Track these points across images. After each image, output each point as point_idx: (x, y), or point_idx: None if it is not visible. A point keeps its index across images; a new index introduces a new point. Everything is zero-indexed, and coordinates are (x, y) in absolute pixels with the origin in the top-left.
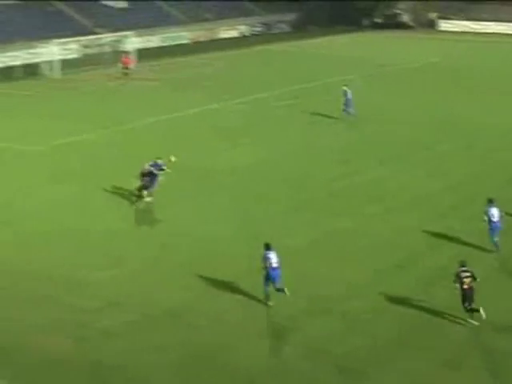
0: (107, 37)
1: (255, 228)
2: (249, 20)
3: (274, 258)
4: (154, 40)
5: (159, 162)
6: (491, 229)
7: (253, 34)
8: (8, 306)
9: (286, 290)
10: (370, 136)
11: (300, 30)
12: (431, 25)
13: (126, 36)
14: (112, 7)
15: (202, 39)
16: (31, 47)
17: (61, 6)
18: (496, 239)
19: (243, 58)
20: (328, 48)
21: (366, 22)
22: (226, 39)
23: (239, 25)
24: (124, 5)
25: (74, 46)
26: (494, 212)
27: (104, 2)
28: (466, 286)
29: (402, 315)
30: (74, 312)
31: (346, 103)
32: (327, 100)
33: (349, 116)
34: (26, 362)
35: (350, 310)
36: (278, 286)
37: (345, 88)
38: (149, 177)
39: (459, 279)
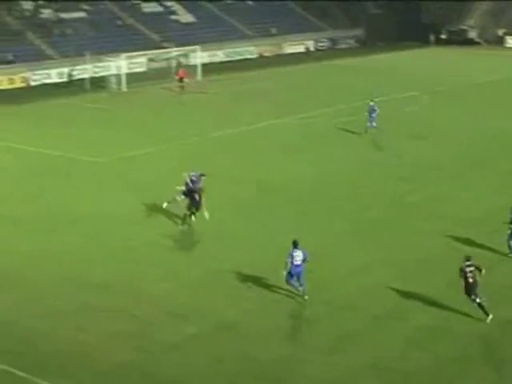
0: (174, 51)
1: (317, 244)
2: (315, 35)
3: (298, 255)
4: (219, 54)
5: (193, 173)
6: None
7: (318, 50)
8: (73, 316)
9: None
10: (431, 152)
11: (366, 45)
12: (499, 41)
13: (192, 50)
14: (179, 22)
15: (267, 54)
16: (100, 61)
17: (130, 20)
18: None
19: (308, 73)
20: (393, 64)
21: (432, 38)
22: (291, 54)
23: (305, 40)
24: (191, 19)
25: (140, 59)
26: None
27: (172, 17)
28: (470, 280)
29: (463, 333)
30: (136, 323)
31: (371, 118)
32: (390, 116)
33: (370, 130)
34: (85, 371)
35: (410, 326)
36: (302, 281)
37: (372, 103)
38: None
39: (464, 273)
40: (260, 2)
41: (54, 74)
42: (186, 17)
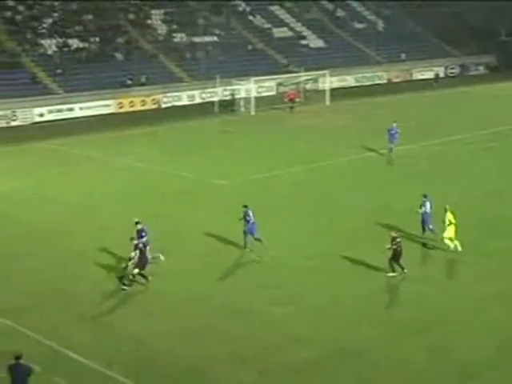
0: (303, 75)
1: (444, 272)
2: (445, 61)
3: (252, 215)
4: (348, 79)
5: (139, 226)
6: (425, 218)
7: (448, 76)
8: (195, 336)
9: (263, 241)
10: None
11: (497, 72)
12: None
13: (321, 75)
14: (309, 47)
15: (396, 80)
16: (229, 84)
17: (260, 45)
18: (431, 226)
19: (437, 99)
20: None
21: None
22: (420, 80)
23: (435, 66)
24: (321, 44)
25: (269, 83)
26: (427, 205)
27: (302, 42)
28: (399, 249)
29: None
30: (258, 346)
31: (390, 139)
32: None
33: (390, 152)
34: None
35: None
36: (256, 236)
37: (394, 125)
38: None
39: (395, 243)
40: (390, 27)
41: (184, 97)
42: (315, 42)
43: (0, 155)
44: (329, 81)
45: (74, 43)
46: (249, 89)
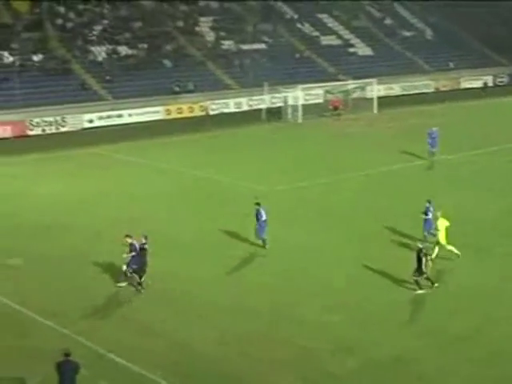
0: (350, 83)
1: (495, 282)
2: (494, 70)
3: (264, 214)
4: (396, 88)
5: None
6: (428, 223)
7: (497, 85)
8: (237, 342)
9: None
10: None
11: None
12: None
13: (368, 83)
14: (357, 55)
15: (444, 88)
16: (277, 92)
17: (307, 52)
18: (425, 232)
19: (485, 109)
20: None
21: None
22: (468, 89)
23: (483, 75)
24: (369, 53)
25: (317, 91)
26: (430, 211)
27: (350, 50)
28: (423, 260)
29: None
30: (305, 353)
31: (432, 143)
32: None
33: (432, 156)
34: None
35: None
36: (262, 236)
37: (434, 129)
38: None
39: (423, 255)
40: (438, 36)
41: (232, 104)
42: (363, 50)
43: (45, 161)
44: (376, 89)
45: (123, 50)
46: (296, 96)
